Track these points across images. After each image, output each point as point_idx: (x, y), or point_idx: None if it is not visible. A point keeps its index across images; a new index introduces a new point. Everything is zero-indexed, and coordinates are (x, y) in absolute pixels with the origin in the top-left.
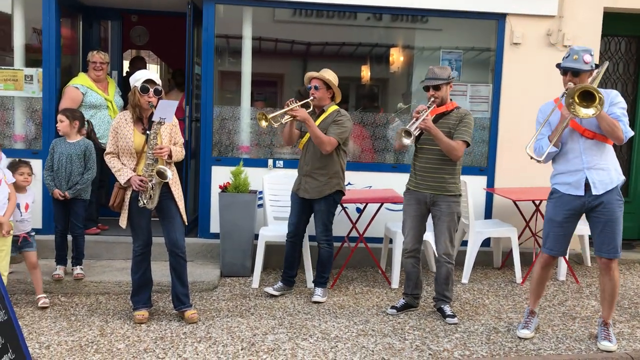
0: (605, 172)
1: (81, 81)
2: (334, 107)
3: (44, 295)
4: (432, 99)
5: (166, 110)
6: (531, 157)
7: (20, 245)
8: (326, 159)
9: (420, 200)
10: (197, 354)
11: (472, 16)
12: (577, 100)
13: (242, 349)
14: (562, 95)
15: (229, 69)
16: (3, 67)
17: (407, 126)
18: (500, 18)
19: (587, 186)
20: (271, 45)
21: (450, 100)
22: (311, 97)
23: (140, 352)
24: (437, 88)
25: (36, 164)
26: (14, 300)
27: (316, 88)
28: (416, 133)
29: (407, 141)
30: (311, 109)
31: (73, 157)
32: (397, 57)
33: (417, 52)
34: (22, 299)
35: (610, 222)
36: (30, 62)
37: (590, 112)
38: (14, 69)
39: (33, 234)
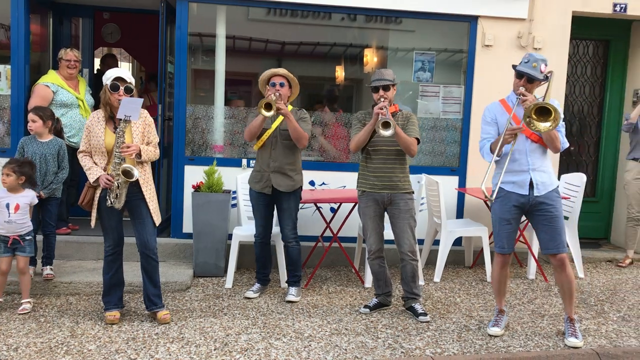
0: (547, 175)
1: (51, 79)
2: (291, 107)
3: (28, 300)
4: (382, 99)
5: (130, 107)
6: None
7: (11, 247)
8: (294, 155)
9: (378, 201)
10: (170, 355)
11: (444, 18)
12: (535, 117)
13: (215, 349)
14: (517, 102)
15: (203, 67)
16: None
17: (385, 119)
18: (472, 20)
19: (530, 186)
20: (245, 44)
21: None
22: (277, 94)
23: (111, 353)
24: (386, 88)
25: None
26: None
27: (282, 85)
28: (391, 131)
29: (387, 132)
30: (287, 109)
31: (47, 156)
32: (371, 57)
33: (391, 53)
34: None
35: (555, 218)
36: None
37: (547, 125)
38: None
39: (29, 237)
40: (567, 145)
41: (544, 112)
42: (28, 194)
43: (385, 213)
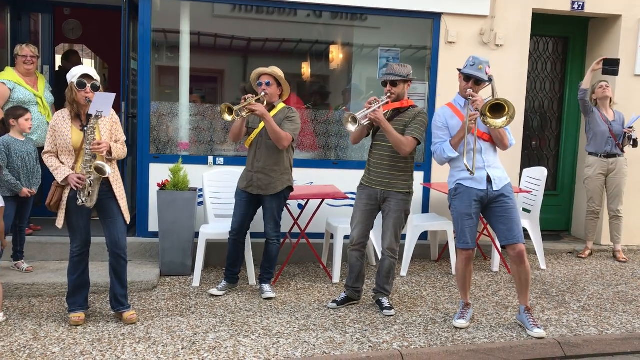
0: (501, 171)
1: (8, 76)
2: (282, 105)
3: None
4: (388, 94)
5: (102, 103)
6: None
7: None
8: (278, 156)
9: (372, 196)
10: (137, 355)
11: (409, 15)
12: (489, 114)
13: (182, 349)
14: (465, 104)
15: (167, 64)
16: None
17: (357, 113)
18: (435, 17)
19: (488, 181)
20: (210, 40)
21: (408, 99)
22: (262, 93)
23: (76, 355)
24: (394, 84)
25: None
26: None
27: (268, 84)
28: (364, 122)
29: (351, 127)
30: (264, 104)
31: (32, 154)
32: (336, 54)
33: (357, 49)
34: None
35: (512, 209)
36: None
37: (502, 120)
38: None
39: None
40: (514, 142)
41: (497, 109)
42: None
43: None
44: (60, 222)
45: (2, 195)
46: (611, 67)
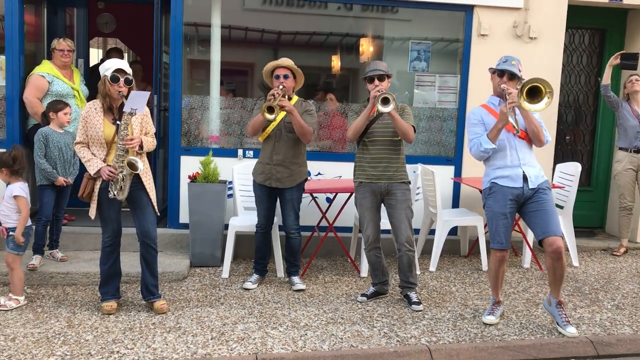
0: (537, 169)
1: (46, 69)
2: (296, 97)
3: (16, 298)
4: (378, 88)
5: (137, 100)
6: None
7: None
8: (298, 148)
9: (375, 192)
10: (167, 344)
11: (440, 7)
12: (527, 98)
13: (211, 339)
14: (500, 103)
15: (198, 57)
16: None
17: (384, 94)
18: (468, 10)
19: (524, 179)
20: (241, 33)
21: None
22: (280, 86)
23: (108, 342)
24: (381, 78)
25: None
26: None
27: (286, 77)
28: (391, 106)
29: (387, 108)
30: (286, 98)
31: (69, 145)
32: (367, 47)
33: (387, 42)
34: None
35: (548, 203)
36: None
37: (545, 102)
38: None
39: (12, 233)
40: (550, 139)
41: (534, 94)
42: (10, 187)
43: (382, 204)
44: (92, 212)
45: (40, 184)
46: (629, 61)
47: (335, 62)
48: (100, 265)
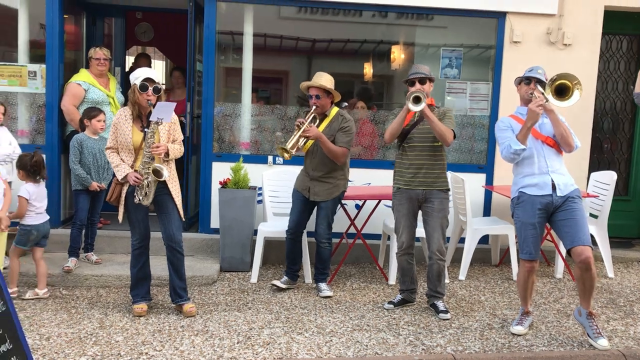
0: (567, 177)
1: (83, 77)
2: (335, 110)
3: (45, 290)
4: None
5: (164, 111)
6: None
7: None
8: (334, 164)
9: (412, 198)
10: (194, 347)
11: (472, 14)
12: (556, 98)
13: (237, 342)
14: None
15: (231, 65)
16: (8, 63)
17: (416, 93)
18: (500, 16)
19: (552, 188)
20: (274, 41)
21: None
22: (313, 107)
23: (138, 344)
24: (422, 81)
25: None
26: (18, 292)
27: (318, 97)
28: (423, 104)
29: (413, 107)
30: (316, 121)
31: (103, 151)
32: (398, 54)
33: (419, 49)
34: (24, 292)
35: (578, 212)
36: (34, 58)
37: (576, 95)
38: (18, 65)
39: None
40: (580, 145)
41: (562, 92)
42: (22, 187)
43: (420, 210)
44: (120, 216)
45: (75, 189)
46: None
47: (368, 70)
48: (131, 268)
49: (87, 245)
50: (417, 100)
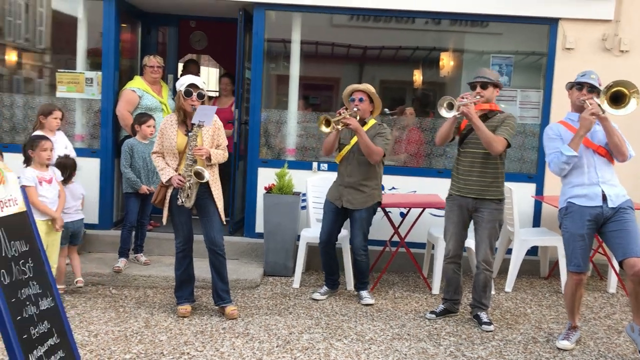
0: (618, 188)
1: (137, 84)
2: (373, 121)
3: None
4: (478, 96)
5: (205, 114)
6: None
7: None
8: (370, 171)
9: (463, 206)
10: (234, 349)
11: (523, 21)
12: (612, 106)
13: (277, 346)
14: (579, 119)
15: (278, 73)
16: (67, 71)
17: (450, 99)
18: (552, 23)
19: (603, 199)
20: (324, 49)
21: (496, 104)
22: (355, 109)
23: (180, 344)
24: (484, 87)
25: (94, 163)
26: (70, 290)
27: (361, 100)
28: (457, 113)
29: (445, 112)
30: (357, 119)
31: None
32: (447, 61)
33: (469, 56)
34: (76, 290)
35: (631, 223)
36: (92, 65)
37: (630, 106)
38: (76, 72)
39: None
40: (634, 153)
41: (617, 100)
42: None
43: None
44: (164, 218)
45: (125, 192)
46: None
47: (418, 77)
48: (175, 270)
49: (137, 246)
50: (450, 106)
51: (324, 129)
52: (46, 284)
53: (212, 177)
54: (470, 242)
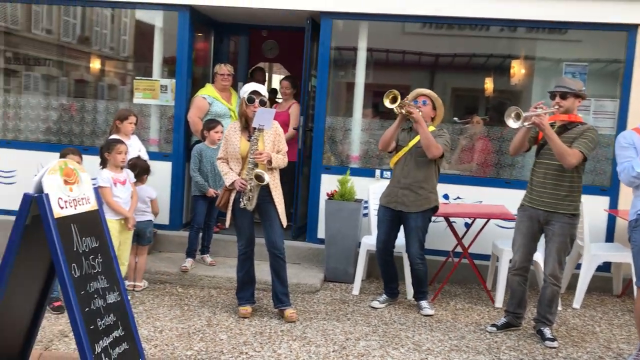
0: None
1: (208, 92)
2: (433, 127)
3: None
4: (557, 106)
5: (264, 117)
6: None
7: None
8: (427, 173)
9: (533, 218)
10: (291, 351)
11: (601, 27)
12: None
13: (333, 351)
14: None
15: (344, 80)
16: (143, 78)
17: (518, 110)
18: (631, 29)
19: None
20: (389, 56)
21: (577, 115)
22: (417, 110)
23: (239, 344)
24: (564, 97)
25: (166, 166)
26: (133, 286)
27: (424, 103)
28: (525, 124)
29: (512, 123)
30: (421, 114)
31: None
32: (519, 69)
33: (543, 64)
34: (147, 287)
35: None
36: (167, 73)
37: None
38: (151, 80)
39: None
40: None
41: None
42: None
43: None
44: (227, 222)
45: (193, 194)
46: None
47: (490, 85)
48: (237, 272)
49: (204, 247)
50: (517, 116)
51: (388, 103)
52: (114, 279)
53: (272, 181)
54: (537, 256)
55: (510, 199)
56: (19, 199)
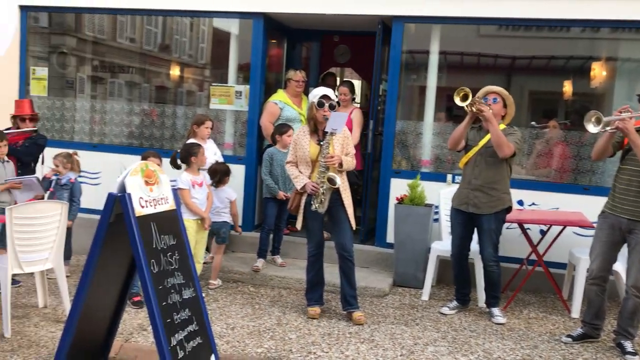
0: None
1: (279, 97)
2: (504, 126)
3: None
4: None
5: (336, 122)
6: None
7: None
8: (499, 173)
9: (615, 226)
10: (359, 353)
11: None
12: None
13: (400, 355)
14: None
15: (415, 84)
16: (219, 85)
17: (599, 114)
18: None
19: None
20: (463, 59)
21: None
22: (487, 107)
23: (308, 344)
24: None
25: (239, 169)
26: (207, 283)
27: (495, 101)
28: (608, 129)
29: (592, 128)
30: (491, 112)
31: None
32: (600, 71)
33: (628, 65)
34: (220, 285)
35: None
36: (241, 79)
37: None
38: (227, 86)
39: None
40: None
41: None
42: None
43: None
44: (299, 224)
45: (264, 197)
46: None
47: (568, 87)
48: (306, 273)
49: (274, 248)
50: (597, 121)
51: (458, 101)
52: (189, 276)
53: (342, 184)
54: (618, 266)
55: (589, 206)
56: (104, 199)
